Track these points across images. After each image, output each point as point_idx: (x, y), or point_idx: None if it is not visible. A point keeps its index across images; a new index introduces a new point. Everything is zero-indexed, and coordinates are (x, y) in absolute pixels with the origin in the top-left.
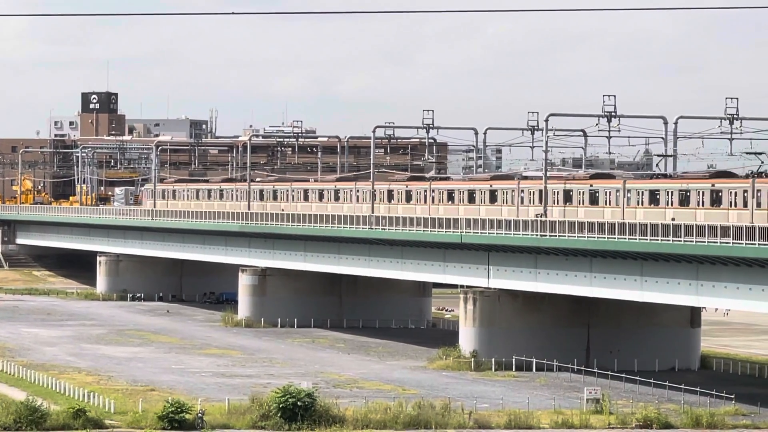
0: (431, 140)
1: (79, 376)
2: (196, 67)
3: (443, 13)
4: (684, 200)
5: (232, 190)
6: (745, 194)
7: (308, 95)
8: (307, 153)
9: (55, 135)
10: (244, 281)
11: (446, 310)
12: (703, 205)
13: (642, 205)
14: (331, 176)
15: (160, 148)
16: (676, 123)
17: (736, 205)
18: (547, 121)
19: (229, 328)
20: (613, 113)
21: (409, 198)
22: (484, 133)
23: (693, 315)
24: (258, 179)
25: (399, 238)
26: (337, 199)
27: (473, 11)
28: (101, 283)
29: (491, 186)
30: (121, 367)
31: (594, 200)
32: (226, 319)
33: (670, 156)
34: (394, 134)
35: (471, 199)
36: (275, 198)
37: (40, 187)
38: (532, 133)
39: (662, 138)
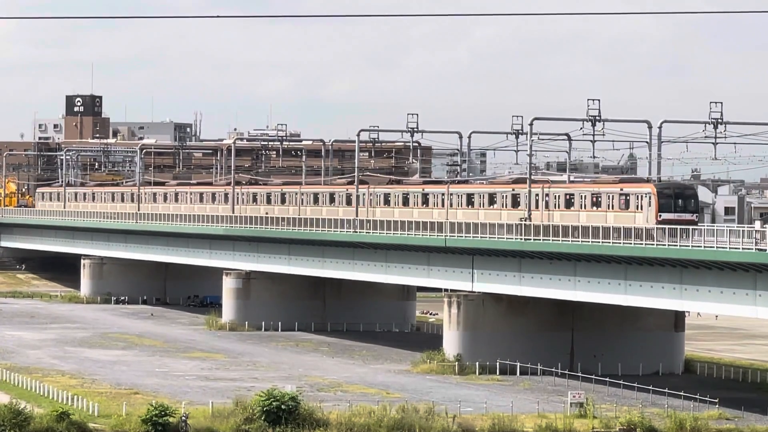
0: (415, 144)
1: (63, 379)
2: (181, 71)
3: (429, 16)
4: (569, 203)
5: (132, 194)
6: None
7: (293, 99)
8: (292, 156)
9: (40, 138)
10: (228, 284)
11: (430, 314)
12: (584, 207)
13: (559, 208)
14: (278, 179)
15: (144, 151)
16: (660, 127)
17: (612, 208)
18: (531, 125)
19: (213, 331)
20: (597, 117)
21: (332, 200)
22: (469, 137)
23: (677, 319)
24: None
25: (383, 242)
26: (283, 202)
27: (459, 15)
28: (85, 286)
29: (423, 190)
30: (105, 370)
31: (516, 203)
32: (210, 322)
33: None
34: (378, 138)
35: (405, 202)
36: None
37: (24, 189)
38: (517, 137)
39: (646, 142)
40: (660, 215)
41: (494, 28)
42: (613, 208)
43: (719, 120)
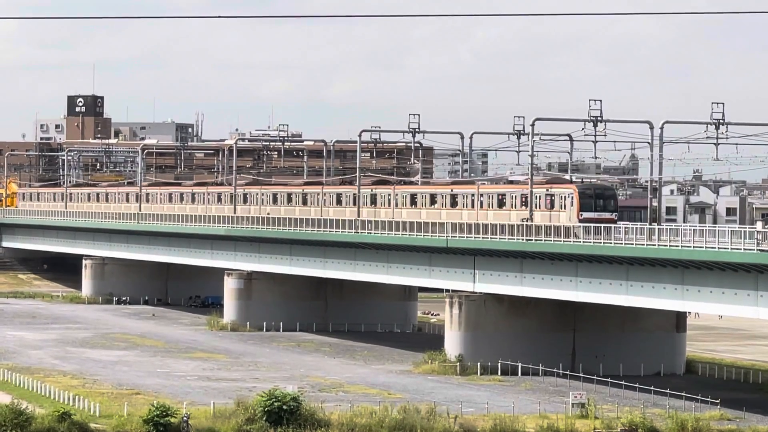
0: (417, 144)
1: (65, 379)
2: (183, 71)
3: (432, 17)
4: (501, 203)
5: (107, 194)
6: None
7: (295, 99)
8: (293, 157)
9: (41, 138)
10: (229, 285)
11: (432, 315)
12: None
13: (492, 207)
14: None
15: (145, 151)
16: (662, 128)
17: (540, 207)
18: (533, 125)
19: (214, 331)
20: (599, 118)
21: (289, 200)
22: (470, 138)
23: (678, 320)
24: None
25: (385, 243)
26: (245, 201)
27: (461, 15)
28: (87, 286)
29: (372, 190)
30: (107, 370)
31: (454, 203)
32: (212, 322)
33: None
34: (380, 138)
35: (355, 202)
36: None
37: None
38: (518, 138)
39: (648, 143)
40: (581, 214)
41: (496, 29)
42: (540, 208)
43: (721, 121)
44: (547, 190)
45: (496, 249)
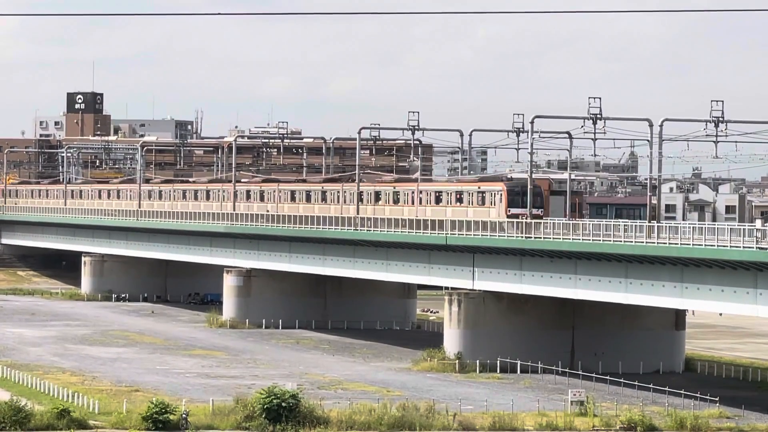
0: (416, 142)
1: (64, 376)
2: (182, 68)
3: (432, 14)
4: (438, 200)
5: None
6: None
7: (295, 96)
8: (293, 154)
9: (40, 135)
10: (229, 282)
11: (431, 312)
12: (469, 204)
13: (430, 204)
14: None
15: (145, 148)
16: (661, 125)
17: (472, 204)
18: (532, 123)
19: (213, 329)
20: (598, 115)
21: (248, 197)
22: (470, 135)
23: (678, 317)
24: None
25: (384, 240)
26: (208, 198)
27: (462, 13)
28: (86, 283)
29: (323, 188)
30: (106, 367)
31: (396, 200)
32: (211, 320)
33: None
34: (379, 135)
35: (308, 199)
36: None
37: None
38: (518, 135)
39: (647, 140)
40: (509, 210)
41: (497, 27)
42: (472, 204)
43: (720, 118)
44: (479, 188)
45: (495, 246)
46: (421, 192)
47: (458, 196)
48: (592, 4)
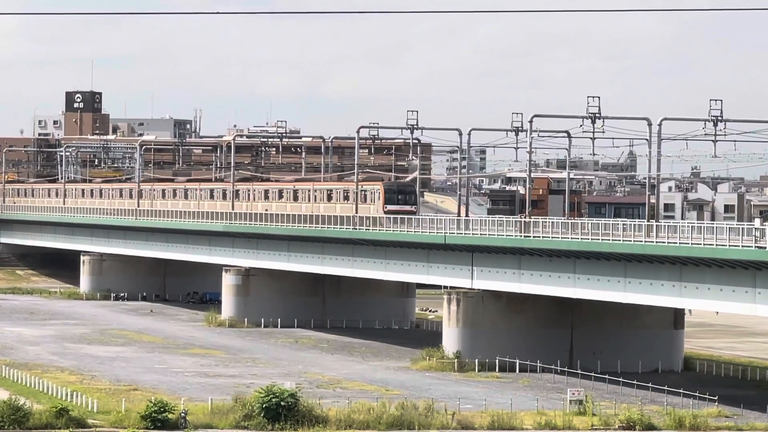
0: (415, 141)
1: (62, 375)
2: (181, 67)
3: (431, 13)
4: (329, 198)
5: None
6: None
7: (294, 95)
8: (292, 153)
9: (39, 134)
10: (227, 281)
11: (430, 311)
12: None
13: (323, 201)
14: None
15: (144, 147)
16: (660, 125)
17: (340, 200)
18: (531, 122)
19: (212, 328)
20: (597, 114)
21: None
22: (468, 134)
23: (676, 316)
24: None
25: (383, 239)
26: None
27: (461, 12)
28: (85, 282)
29: (185, 187)
30: (104, 366)
31: (296, 198)
32: (210, 319)
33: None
34: (378, 135)
35: (223, 197)
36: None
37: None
38: (516, 134)
39: (646, 139)
40: (386, 206)
41: (497, 25)
42: (358, 201)
43: (719, 117)
44: (361, 187)
45: (494, 245)
46: (316, 191)
47: (345, 194)
48: (591, 3)
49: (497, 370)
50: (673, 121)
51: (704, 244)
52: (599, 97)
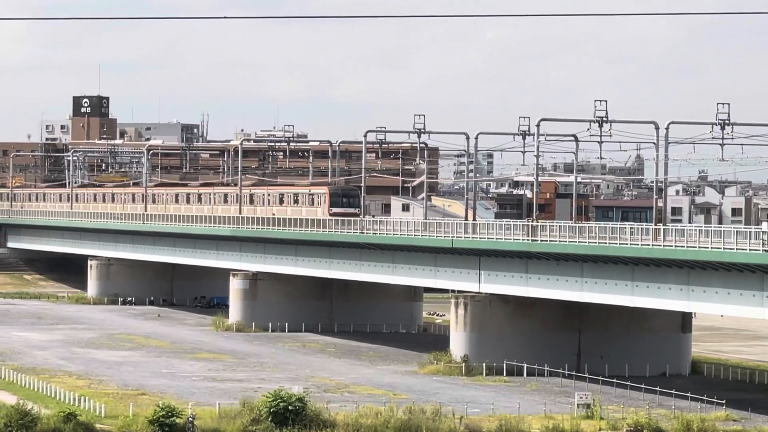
0: (422, 145)
1: (70, 379)
2: (188, 71)
3: (440, 17)
4: (281, 201)
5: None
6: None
7: (301, 99)
8: (299, 157)
9: (46, 139)
10: (235, 285)
11: (437, 315)
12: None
13: (276, 204)
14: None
15: (151, 152)
16: (667, 128)
17: (306, 204)
18: (538, 126)
19: (220, 332)
20: (604, 118)
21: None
22: (476, 138)
23: (684, 320)
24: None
25: (390, 243)
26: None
27: (469, 16)
28: (92, 287)
29: (198, 191)
30: (112, 371)
31: (252, 201)
32: (217, 323)
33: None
34: (385, 139)
35: (187, 200)
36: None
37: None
38: (524, 138)
39: (653, 143)
40: (331, 209)
41: (504, 29)
42: (306, 205)
43: (726, 121)
44: (310, 191)
45: (501, 249)
46: (269, 195)
47: (295, 198)
48: (599, 7)
49: (505, 374)
50: (681, 125)
51: (712, 248)
52: (606, 101)
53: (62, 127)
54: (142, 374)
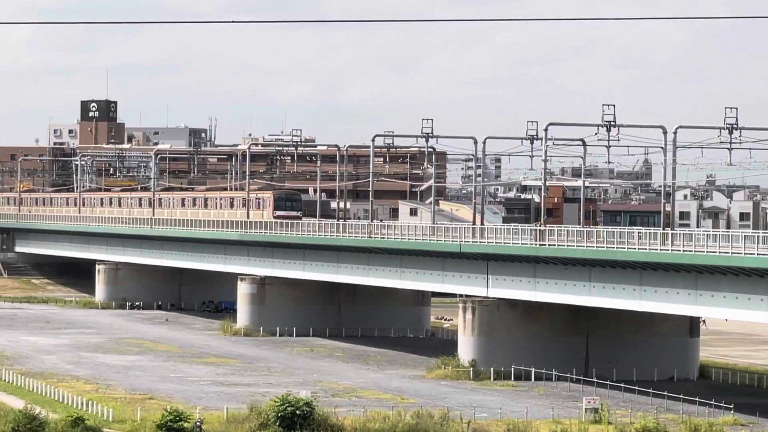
0: (430, 149)
1: (78, 384)
2: (196, 76)
3: (448, 21)
4: (231, 205)
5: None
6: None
7: (309, 104)
8: (307, 162)
9: (54, 143)
10: (242, 290)
11: (445, 320)
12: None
13: (226, 208)
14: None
15: (159, 156)
16: (675, 132)
17: (253, 207)
18: (546, 130)
19: (227, 336)
20: (612, 123)
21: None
22: (483, 143)
23: (692, 325)
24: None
25: (398, 247)
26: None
27: (477, 20)
28: (100, 291)
29: (160, 196)
30: (120, 375)
31: (206, 205)
32: (225, 327)
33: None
34: (393, 143)
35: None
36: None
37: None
38: (532, 143)
39: (661, 147)
40: (275, 212)
41: (513, 34)
42: (253, 208)
43: (734, 125)
44: (257, 196)
45: (509, 254)
46: (221, 199)
47: (244, 202)
48: (607, 11)
49: (512, 378)
50: (689, 129)
51: (720, 252)
52: (614, 105)
53: (70, 131)
54: (150, 379)
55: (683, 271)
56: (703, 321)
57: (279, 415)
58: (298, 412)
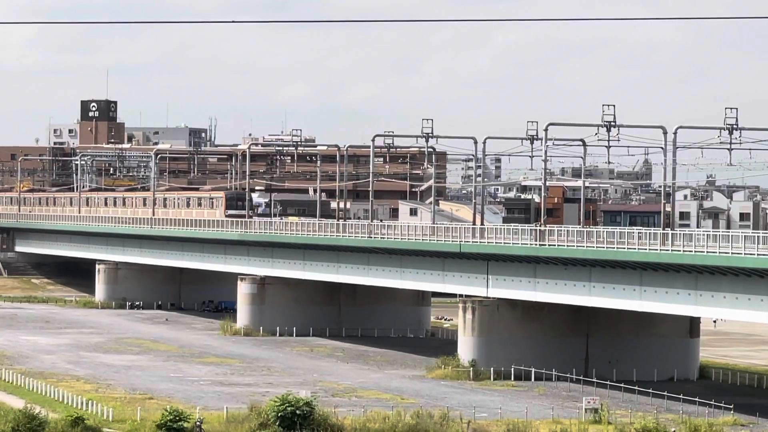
0: (430, 149)
1: (78, 384)
2: (196, 76)
3: (449, 22)
4: (188, 204)
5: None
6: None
7: (309, 104)
8: (307, 162)
9: (54, 143)
10: (242, 290)
11: (445, 320)
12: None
13: (184, 207)
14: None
15: (159, 156)
16: (675, 133)
17: (206, 207)
18: (546, 130)
19: (227, 336)
20: (612, 123)
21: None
22: (484, 143)
23: (692, 325)
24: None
25: (398, 247)
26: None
27: (478, 21)
28: (100, 291)
29: (123, 196)
30: (120, 375)
31: (165, 205)
32: (225, 327)
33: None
34: (393, 143)
35: (105, 203)
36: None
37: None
38: (532, 143)
39: (662, 148)
40: (227, 211)
41: (514, 34)
42: (206, 207)
43: (734, 126)
44: (210, 195)
45: (509, 254)
46: (178, 198)
47: (199, 201)
48: (607, 11)
49: (512, 378)
50: (689, 130)
51: (720, 253)
52: (614, 106)
53: (70, 131)
54: (150, 378)
55: (683, 271)
56: (715, 321)
57: (279, 415)
58: (298, 412)
